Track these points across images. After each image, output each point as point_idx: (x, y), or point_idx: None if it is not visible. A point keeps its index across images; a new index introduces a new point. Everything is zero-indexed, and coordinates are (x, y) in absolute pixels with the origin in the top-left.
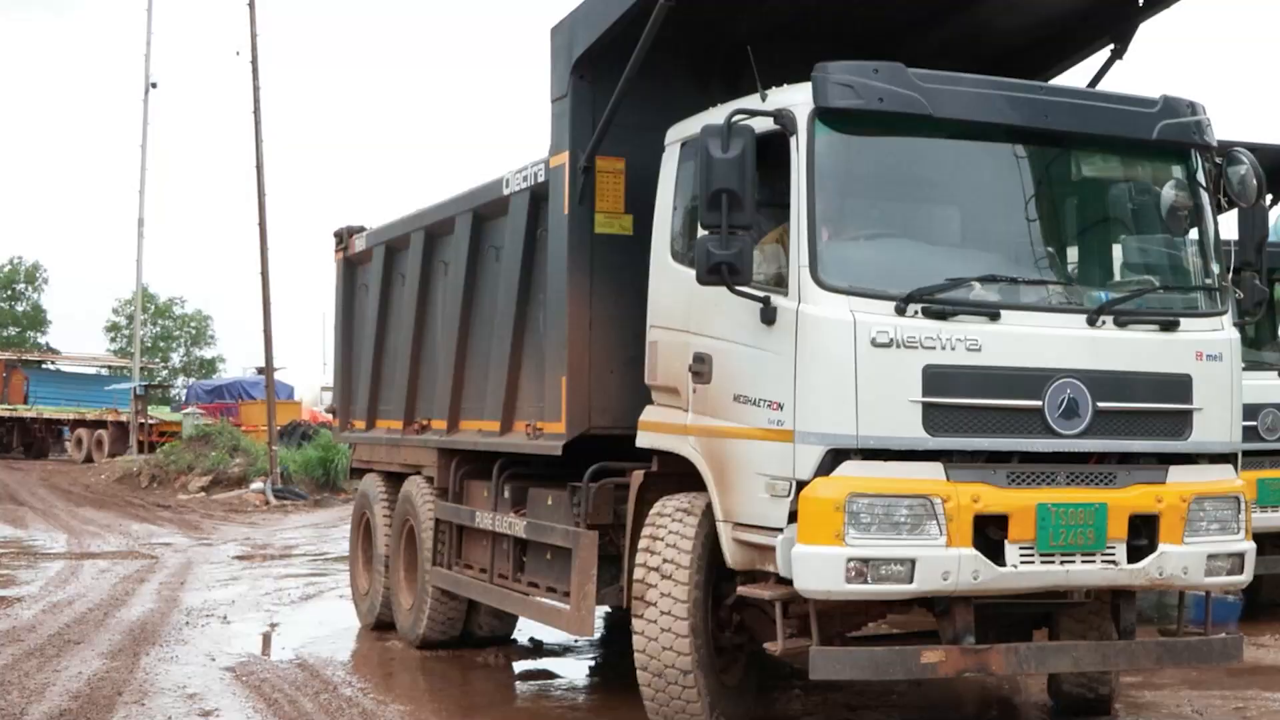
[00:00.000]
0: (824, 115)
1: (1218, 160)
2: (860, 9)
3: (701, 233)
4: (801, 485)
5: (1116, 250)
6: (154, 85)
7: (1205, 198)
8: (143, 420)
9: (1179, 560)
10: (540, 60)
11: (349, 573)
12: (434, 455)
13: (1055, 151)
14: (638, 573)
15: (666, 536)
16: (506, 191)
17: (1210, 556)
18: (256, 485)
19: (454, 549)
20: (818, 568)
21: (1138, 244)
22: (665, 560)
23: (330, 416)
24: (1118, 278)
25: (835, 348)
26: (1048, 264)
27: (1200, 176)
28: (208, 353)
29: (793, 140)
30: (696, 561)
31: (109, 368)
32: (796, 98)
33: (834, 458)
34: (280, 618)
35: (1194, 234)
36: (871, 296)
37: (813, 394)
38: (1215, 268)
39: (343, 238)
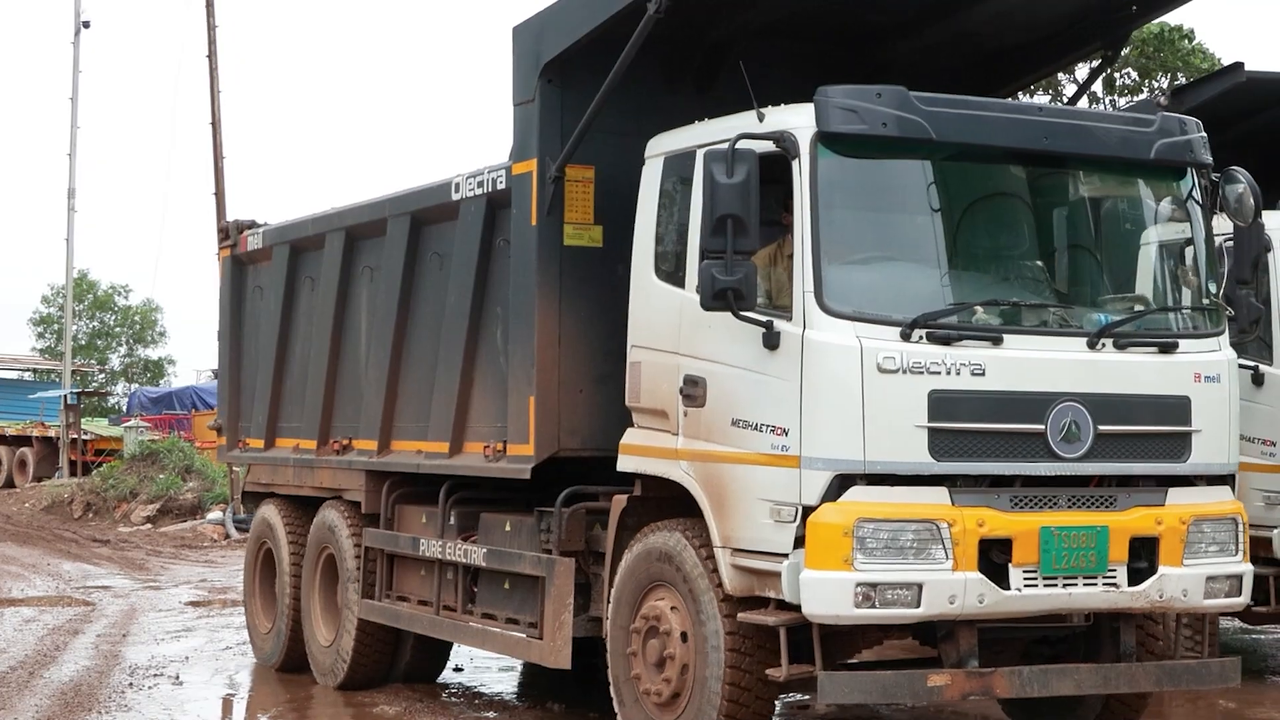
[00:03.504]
0: (826, 139)
1: (1215, 178)
2: (844, 13)
3: (694, 256)
4: (808, 510)
5: (1115, 271)
6: (86, 25)
7: (1202, 216)
8: (75, 436)
9: (1179, 582)
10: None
11: (244, 609)
12: (361, 478)
13: (1055, 173)
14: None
15: None
16: (456, 196)
17: (1209, 579)
18: (214, 515)
19: (386, 580)
20: (827, 593)
21: (1136, 264)
22: None
23: (215, 433)
24: (1117, 299)
25: (842, 374)
26: (1049, 286)
27: (1197, 195)
28: (154, 352)
29: (795, 164)
30: None
31: (34, 371)
32: (797, 120)
33: (841, 483)
34: (244, 677)
35: (1191, 253)
36: (877, 322)
37: (819, 419)
38: (1213, 287)
39: (230, 233)
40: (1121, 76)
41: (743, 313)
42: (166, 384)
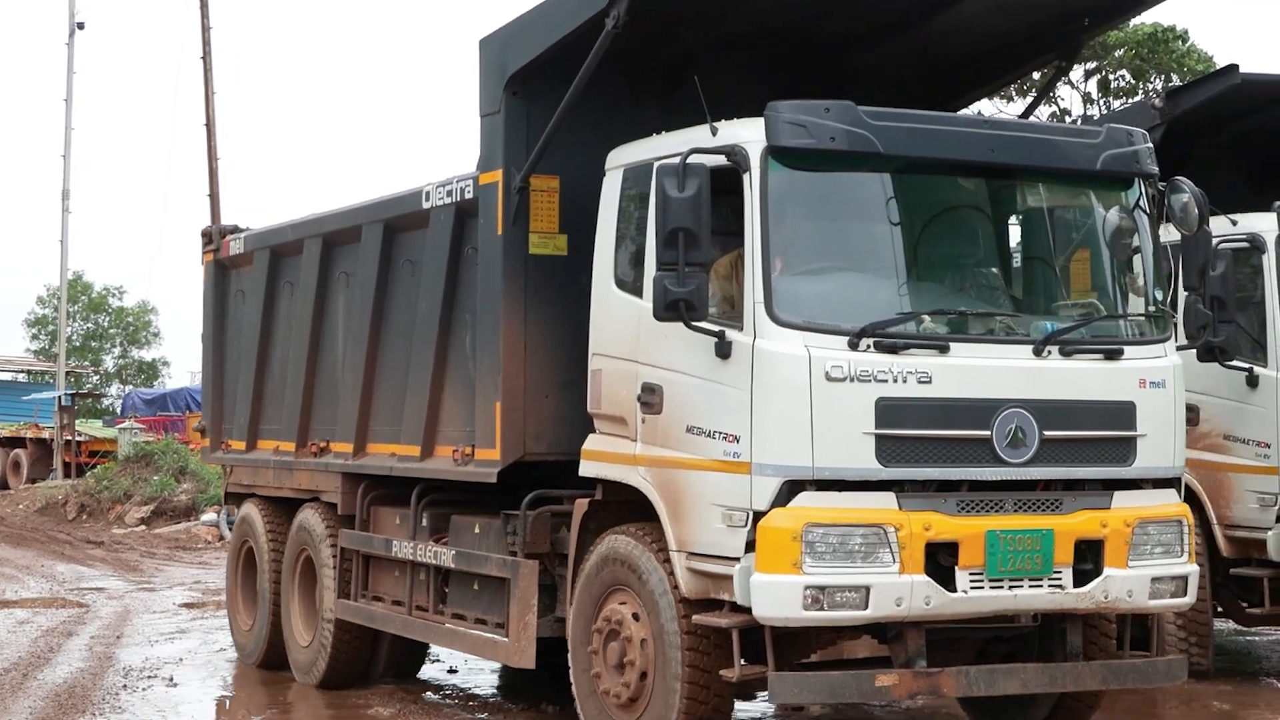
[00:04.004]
0: (776, 153)
1: (1161, 188)
2: (806, 25)
3: (651, 268)
4: (759, 516)
5: (1063, 280)
6: (80, 26)
7: (1149, 226)
8: (69, 437)
9: (1123, 583)
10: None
11: (226, 607)
12: (337, 480)
13: (1002, 184)
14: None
15: None
16: (427, 205)
17: (1154, 579)
18: (208, 517)
19: (361, 580)
20: (776, 595)
21: (1083, 273)
22: None
23: (199, 435)
24: (1063, 308)
25: (791, 382)
26: (995, 295)
27: (1144, 204)
28: (148, 354)
29: (745, 177)
30: None
31: (28, 372)
32: (748, 134)
33: (790, 488)
34: (238, 679)
35: (1138, 262)
36: (825, 331)
37: (769, 427)
38: (1159, 295)
39: (213, 238)
40: (1116, 79)
41: (695, 323)
42: (161, 385)
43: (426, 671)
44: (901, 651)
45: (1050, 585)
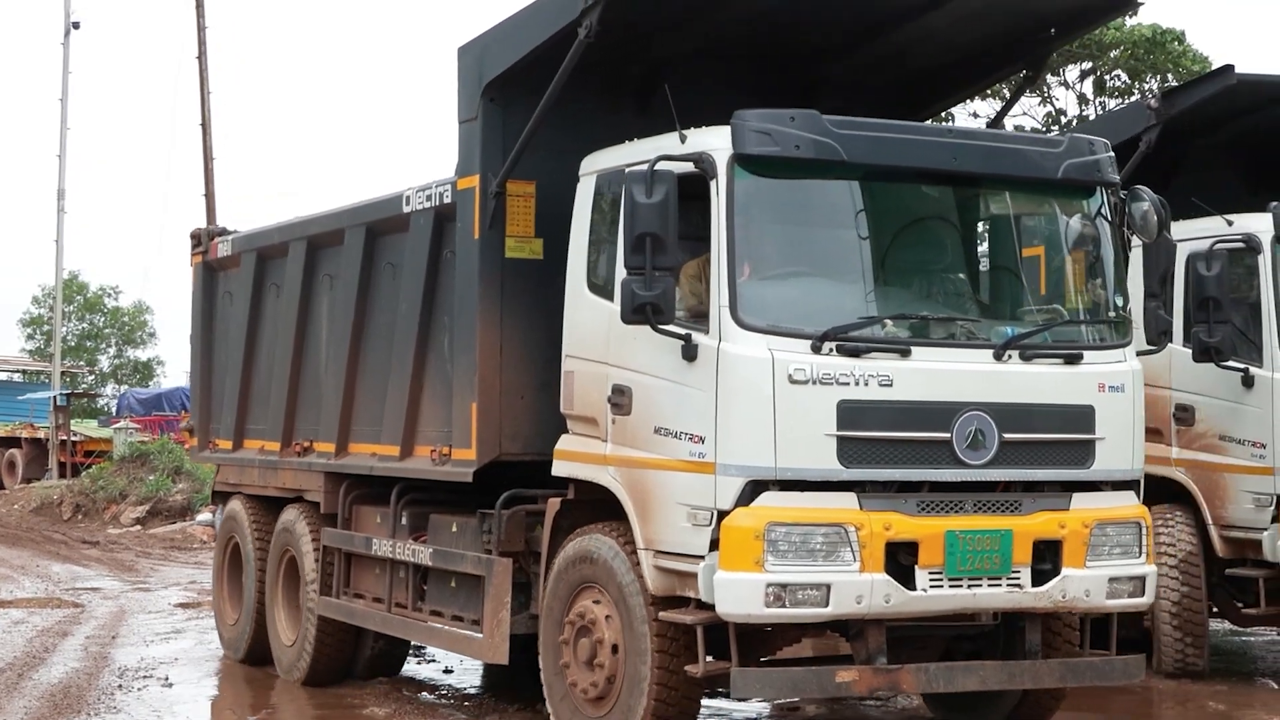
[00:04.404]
0: (742, 161)
1: (1122, 196)
2: (779, 34)
3: (622, 272)
4: (722, 515)
5: (1024, 286)
6: (76, 25)
7: (1110, 233)
8: (65, 437)
9: (1081, 583)
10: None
11: (213, 602)
12: (320, 479)
13: (965, 191)
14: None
15: None
16: (407, 209)
17: (1112, 579)
18: (204, 517)
19: (343, 578)
20: (738, 593)
21: (1045, 279)
22: None
23: (187, 434)
24: (1024, 313)
25: (754, 384)
26: (957, 301)
27: (1106, 212)
28: (144, 353)
29: (712, 184)
30: None
31: (23, 372)
32: (716, 142)
33: (753, 488)
34: (233, 680)
35: (1098, 269)
36: (789, 335)
37: (733, 428)
38: (1119, 301)
39: (201, 240)
40: (1111, 79)
41: (661, 326)
42: (156, 385)
43: (422, 671)
44: (863, 649)
45: (1009, 584)
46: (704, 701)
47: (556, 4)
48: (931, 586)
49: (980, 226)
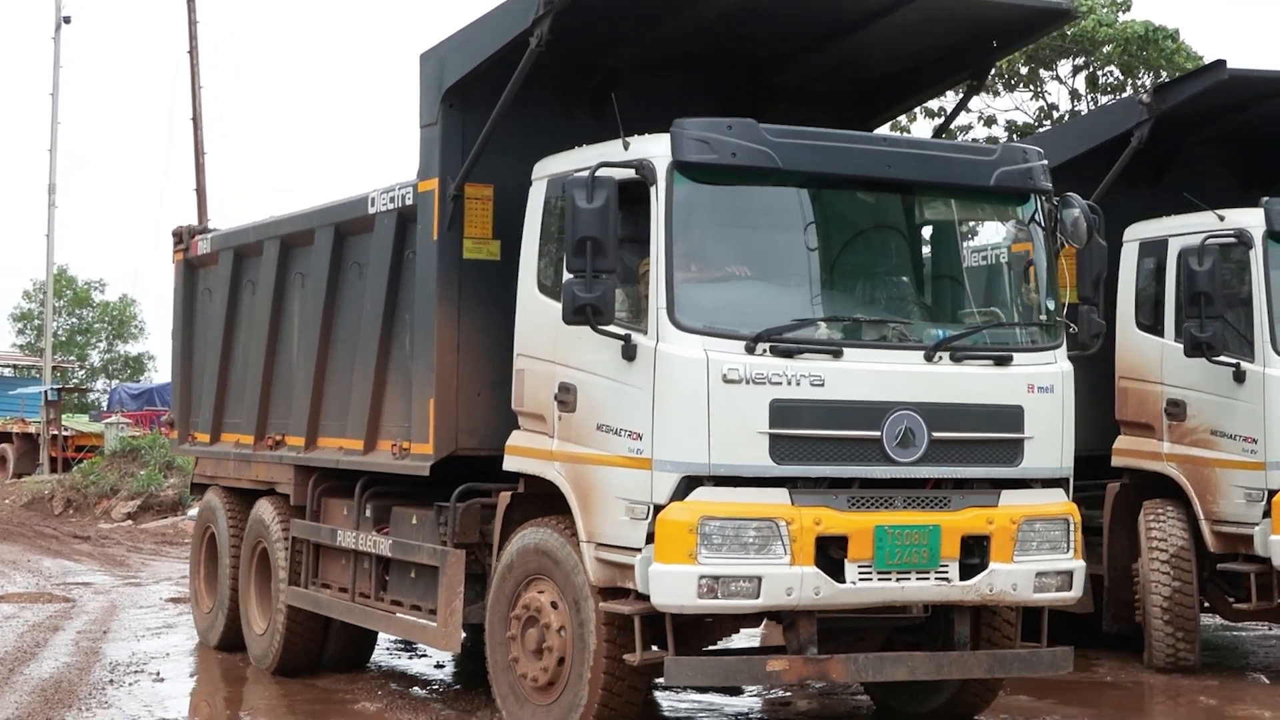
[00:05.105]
0: (681, 168)
1: (1055, 202)
2: (732, 42)
3: (567, 275)
4: (659, 509)
5: (957, 290)
6: (67, 20)
7: (1042, 239)
8: (56, 432)
9: (1008, 577)
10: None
11: (189, 590)
12: (290, 472)
13: (899, 198)
14: None
15: None
16: (372, 210)
17: (1039, 574)
18: (195, 512)
19: (311, 568)
20: (672, 584)
21: (978, 284)
22: None
23: (168, 428)
24: (957, 316)
25: (689, 384)
26: (891, 304)
27: (1039, 218)
28: (134, 348)
29: (653, 190)
30: None
31: (14, 367)
32: (656, 149)
33: (688, 484)
34: (224, 674)
35: (1031, 273)
36: (723, 336)
37: (668, 426)
38: (1050, 304)
39: (183, 238)
40: (1105, 75)
41: (601, 327)
42: (147, 380)
43: (414, 666)
44: (794, 639)
45: (937, 578)
46: (697, 697)
47: (509, 14)
48: (860, 579)
49: (915, 232)
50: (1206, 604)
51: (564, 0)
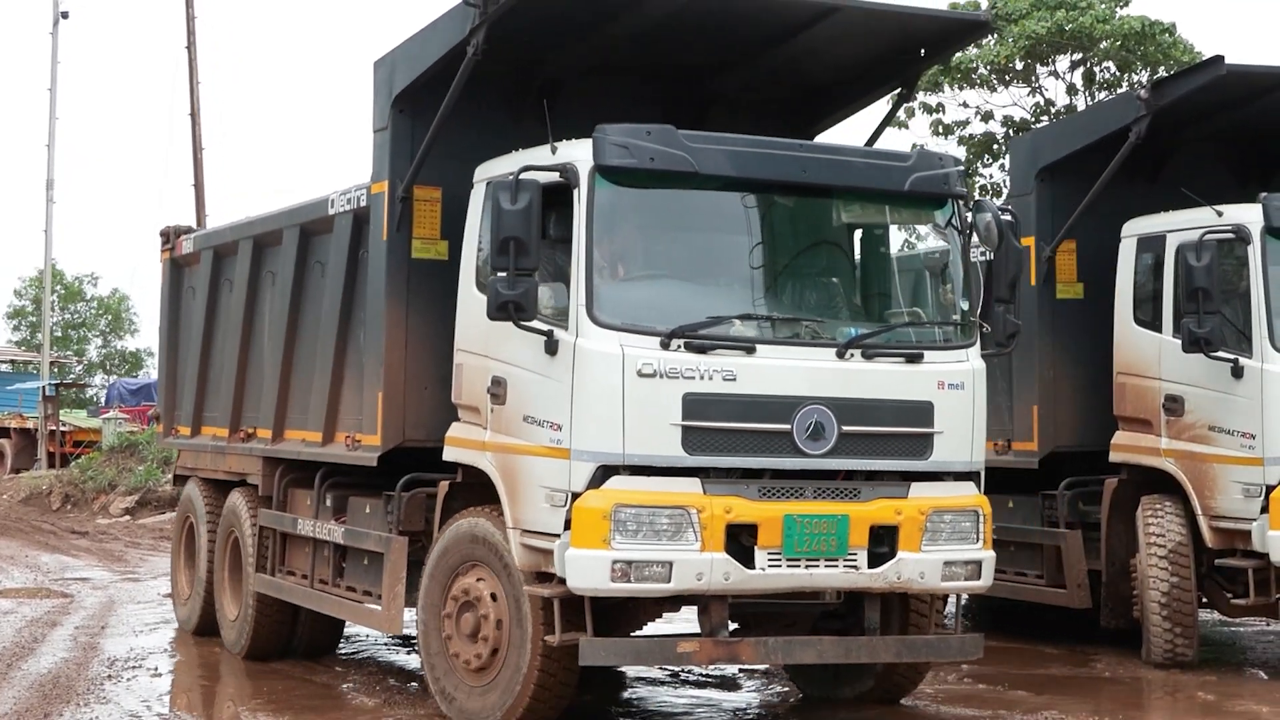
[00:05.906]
0: (602, 171)
1: (970, 207)
2: (669, 50)
3: (492, 274)
4: (576, 496)
5: (872, 290)
6: (65, 15)
7: (958, 242)
8: (54, 427)
9: (916, 566)
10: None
11: (170, 578)
12: (259, 463)
13: (815, 202)
14: None
15: None
16: (331, 211)
17: (948, 563)
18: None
19: (278, 556)
20: (586, 568)
21: (893, 285)
22: None
23: (155, 422)
24: (871, 316)
25: (605, 377)
26: (805, 303)
27: (955, 222)
28: (130, 344)
29: (575, 192)
30: None
31: (11, 363)
32: (579, 154)
33: (604, 473)
34: (222, 670)
35: (946, 275)
36: (639, 333)
37: (585, 417)
38: (964, 305)
39: (169, 238)
40: (1102, 70)
41: (523, 323)
42: (145, 375)
43: (411, 661)
44: (706, 622)
45: (845, 565)
46: (695, 692)
47: (449, 23)
48: (770, 566)
49: (832, 235)
50: (1204, 599)
51: (496, 11)
